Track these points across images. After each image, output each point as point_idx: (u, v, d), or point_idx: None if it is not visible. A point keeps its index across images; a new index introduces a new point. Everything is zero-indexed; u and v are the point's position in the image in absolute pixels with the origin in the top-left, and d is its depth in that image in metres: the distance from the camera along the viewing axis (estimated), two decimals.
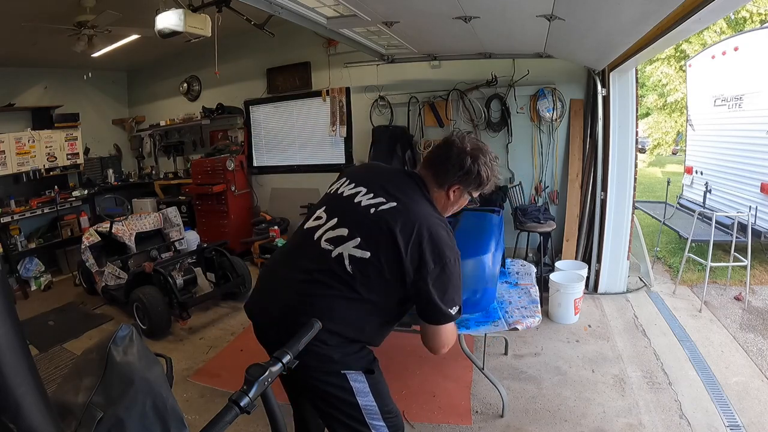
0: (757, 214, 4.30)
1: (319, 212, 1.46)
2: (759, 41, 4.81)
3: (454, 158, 1.44)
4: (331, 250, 1.34)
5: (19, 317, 0.59)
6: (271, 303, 1.41)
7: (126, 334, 0.95)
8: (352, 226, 1.35)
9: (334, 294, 1.33)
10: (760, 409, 2.41)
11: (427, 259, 1.29)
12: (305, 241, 1.43)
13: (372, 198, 1.38)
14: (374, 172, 1.55)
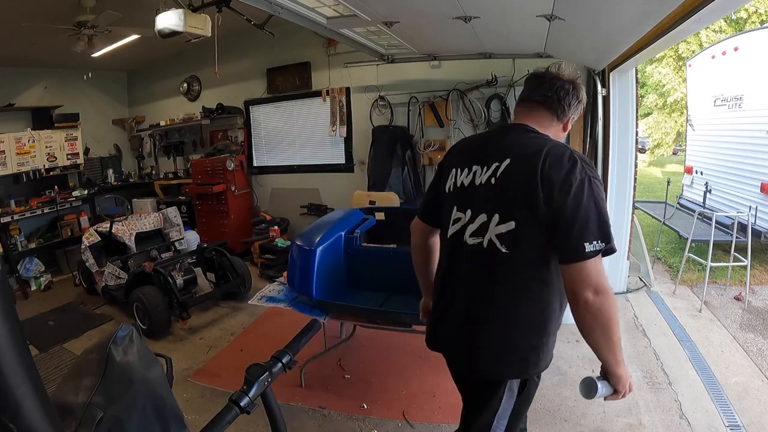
0: (757, 214, 4.30)
1: (455, 214, 1.36)
2: (759, 41, 4.81)
3: (571, 91, 1.34)
4: (482, 242, 1.27)
5: (19, 317, 0.59)
6: (455, 328, 1.39)
7: (126, 334, 0.95)
8: (486, 207, 1.27)
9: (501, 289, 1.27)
10: (760, 409, 2.41)
11: (573, 182, 1.16)
12: (455, 249, 1.36)
13: (487, 170, 1.29)
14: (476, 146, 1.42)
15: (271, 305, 2.60)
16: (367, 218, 3.06)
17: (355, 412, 2.56)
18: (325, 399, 2.68)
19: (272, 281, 3.31)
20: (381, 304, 2.56)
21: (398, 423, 2.46)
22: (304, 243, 2.54)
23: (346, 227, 2.80)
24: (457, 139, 4.79)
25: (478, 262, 1.28)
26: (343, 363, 3.07)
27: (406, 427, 2.43)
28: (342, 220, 2.88)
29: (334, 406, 2.61)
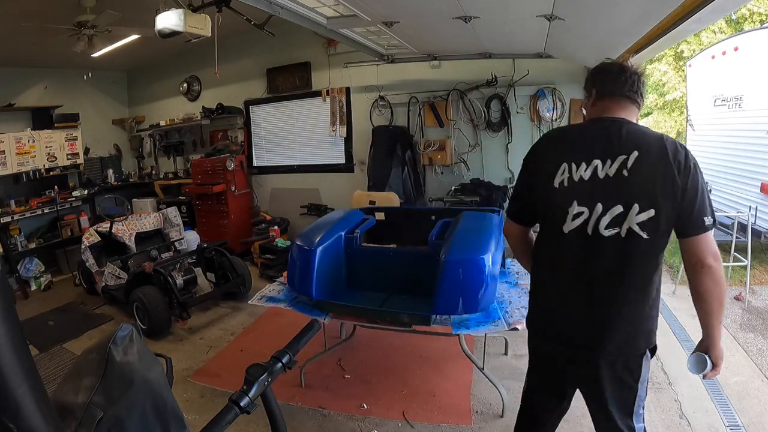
0: (757, 214, 4.30)
1: (575, 209, 1.36)
2: (759, 41, 4.81)
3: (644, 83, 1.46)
4: (619, 232, 1.33)
5: (19, 317, 0.59)
6: (576, 323, 1.42)
7: (126, 334, 0.95)
8: (620, 198, 1.32)
9: (636, 273, 1.36)
10: (760, 409, 2.41)
11: (690, 165, 1.32)
12: (577, 242, 1.37)
13: (612, 163, 1.34)
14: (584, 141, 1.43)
15: (271, 305, 2.60)
16: (367, 218, 3.06)
17: (355, 412, 2.56)
18: (325, 399, 2.68)
19: (272, 281, 3.31)
20: (381, 304, 2.56)
21: (398, 423, 2.46)
22: (304, 243, 2.53)
23: (346, 227, 2.80)
24: (457, 139, 4.80)
25: (614, 250, 1.34)
26: (343, 363, 3.07)
27: (406, 427, 2.43)
28: (342, 220, 2.88)
29: (334, 406, 2.61)
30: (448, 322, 2.22)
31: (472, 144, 4.77)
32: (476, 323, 2.19)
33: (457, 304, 2.14)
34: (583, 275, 1.39)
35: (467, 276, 2.15)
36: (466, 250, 2.23)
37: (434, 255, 2.36)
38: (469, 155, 4.80)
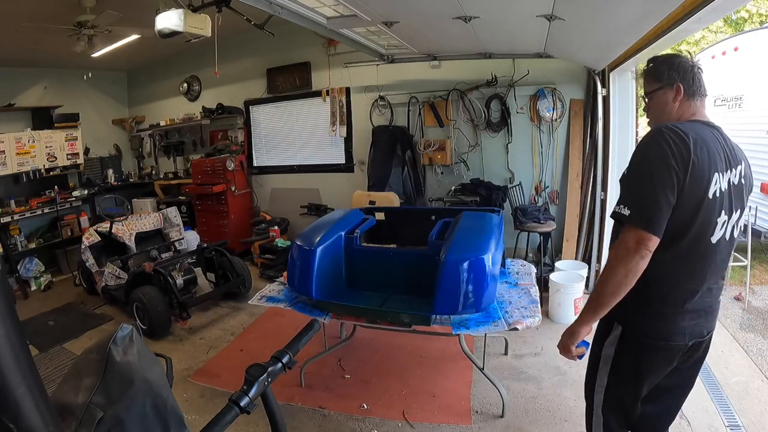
0: (757, 214, 4.30)
1: (721, 218, 1.35)
2: (759, 41, 4.81)
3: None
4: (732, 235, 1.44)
5: (19, 317, 0.59)
6: (705, 323, 1.53)
7: (126, 334, 0.95)
8: (739, 204, 1.44)
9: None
10: (760, 409, 2.41)
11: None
12: (716, 249, 1.39)
13: (735, 172, 1.44)
14: (717, 148, 1.38)
15: (271, 305, 2.60)
16: (367, 218, 3.06)
17: (355, 412, 2.56)
18: (325, 399, 2.68)
19: (272, 281, 3.31)
20: (381, 304, 2.55)
21: (398, 423, 2.46)
22: (304, 243, 2.53)
23: (346, 227, 2.80)
24: (457, 139, 4.80)
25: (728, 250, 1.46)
26: (343, 363, 3.07)
27: (406, 427, 2.43)
28: (342, 220, 2.88)
29: (334, 406, 2.61)
30: (448, 322, 2.22)
31: (472, 144, 4.77)
32: (476, 323, 2.19)
33: (457, 304, 2.14)
34: (718, 279, 1.48)
35: (467, 276, 2.14)
36: (466, 250, 2.23)
37: (434, 255, 2.37)
38: (469, 155, 4.80)
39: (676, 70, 1.44)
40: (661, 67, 1.48)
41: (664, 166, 1.28)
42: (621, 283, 1.31)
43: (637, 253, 1.28)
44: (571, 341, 1.46)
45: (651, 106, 1.53)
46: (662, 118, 1.49)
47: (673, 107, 1.46)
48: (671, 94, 1.45)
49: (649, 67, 1.54)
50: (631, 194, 1.33)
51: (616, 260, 1.32)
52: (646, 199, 1.29)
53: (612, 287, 1.32)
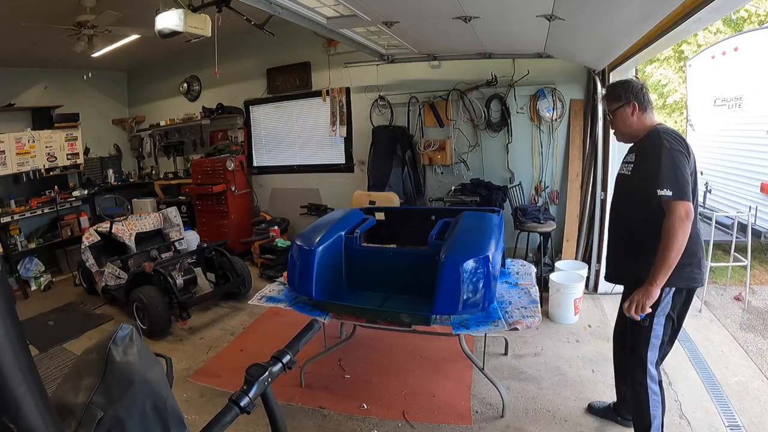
0: (757, 214, 4.30)
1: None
2: (759, 41, 4.81)
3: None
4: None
5: (19, 317, 0.59)
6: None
7: (126, 334, 0.95)
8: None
9: None
10: (760, 409, 2.41)
11: None
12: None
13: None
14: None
15: (271, 305, 2.60)
16: (367, 218, 3.06)
17: (355, 412, 2.56)
18: (325, 399, 2.68)
19: (272, 281, 3.31)
20: (381, 304, 2.55)
21: (398, 423, 2.46)
22: (304, 243, 2.53)
23: (346, 227, 2.80)
24: (457, 139, 4.80)
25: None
26: (343, 363, 3.07)
27: (406, 427, 2.43)
28: (342, 220, 2.88)
29: (334, 406, 2.61)
30: (448, 322, 2.22)
31: (472, 144, 4.77)
32: (476, 323, 2.19)
33: (457, 304, 2.14)
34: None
35: (467, 276, 2.14)
36: (466, 250, 2.23)
37: (434, 255, 2.37)
38: (469, 155, 4.80)
39: (631, 91, 1.95)
40: (619, 91, 1.98)
41: (679, 153, 1.77)
42: (682, 243, 1.71)
43: (687, 219, 1.71)
44: (649, 301, 1.77)
45: (616, 120, 2.02)
46: (626, 129, 2.00)
47: (632, 119, 1.95)
48: (629, 110, 1.95)
49: (609, 91, 2.05)
50: (666, 178, 1.72)
51: (674, 228, 1.71)
52: (678, 179, 1.72)
53: (677, 249, 1.71)
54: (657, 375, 1.96)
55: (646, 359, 1.92)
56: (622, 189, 2.05)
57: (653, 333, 1.89)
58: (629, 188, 1.95)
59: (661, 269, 1.73)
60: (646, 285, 1.78)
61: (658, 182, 1.73)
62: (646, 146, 1.88)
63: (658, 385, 1.96)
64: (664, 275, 1.74)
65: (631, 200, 1.94)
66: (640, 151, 1.93)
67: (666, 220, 1.73)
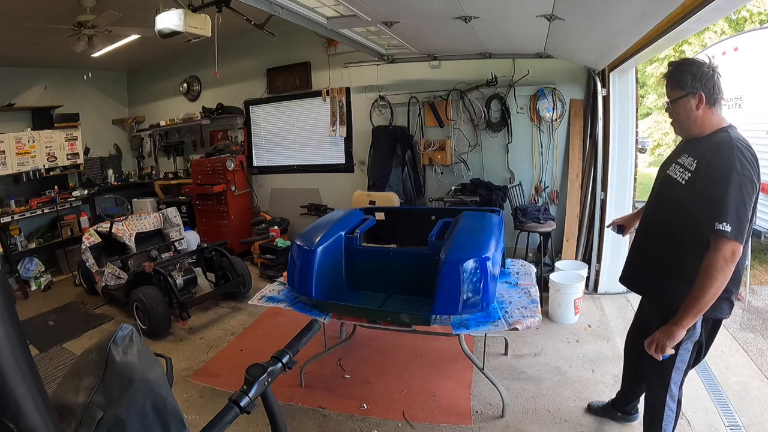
0: (757, 214, 4.30)
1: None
2: (759, 41, 4.81)
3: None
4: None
5: (19, 317, 0.59)
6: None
7: (126, 334, 0.95)
8: None
9: None
10: (760, 409, 2.41)
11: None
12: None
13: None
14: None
15: (271, 305, 2.60)
16: (367, 218, 3.06)
17: (355, 412, 2.56)
18: (325, 399, 2.68)
19: (272, 281, 3.31)
20: (381, 304, 2.56)
21: (398, 423, 2.46)
22: (304, 243, 2.53)
23: (346, 227, 2.80)
24: (457, 139, 4.80)
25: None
26: (343, 363, 3.07)
27: (406, 427, 2.43)
28: (342, 220, 2.88)
29: (334, 406, 2.61)
30: (448, 322, 2.22)
31: (472, 144, 4.77)
32: (476, 323, 2.19)
33: (457, 304, 2.14)
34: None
35: (467, 276, 2.14)
36: (466, 250, 2.23)
37: (434, 255, 2.37)
38: (469, 155, 4.80)
39: (699, 79, 1.58)
40: (684, 76, 1.60)
41: (749, 183, 1.49)
42: (720, 287, 1.51)
43: (733, 262, 1.50)
44: (671, 343, 1.60)
45: (675, 114, 1.68)
46: (688, 125, 1.66)
47: (697, 115, 1.61)
48: (694, 102, 1.59)
49: (672, 74, 1.66)
50: (729, 212, 1.48)
51: (715, 270, 1.50)
52: (740, 215, 1.48)
53: (713, 293, 1.51)
54: (678, 394, 1.83)
55: (669, 381, 1.79)
56: (667, 195, 1.78)
57: (679, 358, 1.74)
58: (679, 200, 1.68)
59: (690, 311, 1.55)
60: (670, 325, 1.60)
61: (718, 215, 1.48)
62: (714, 160, 1.55)
63: (676, 404, 1.84)
64: (693, 318, 1.57)
65: (677, 214, 1.69)
66: (703, 162, 1.59)
67: (710, 255, 1.51)
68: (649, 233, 1.89)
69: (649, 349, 1.66)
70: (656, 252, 1.82)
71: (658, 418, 1.85)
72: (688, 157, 1.67)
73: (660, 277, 1.79)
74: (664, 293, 1.74)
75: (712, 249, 1.51)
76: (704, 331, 1.74)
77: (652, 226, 1.88)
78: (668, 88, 1.68)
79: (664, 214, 1.78)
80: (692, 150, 1.67)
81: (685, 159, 1.68)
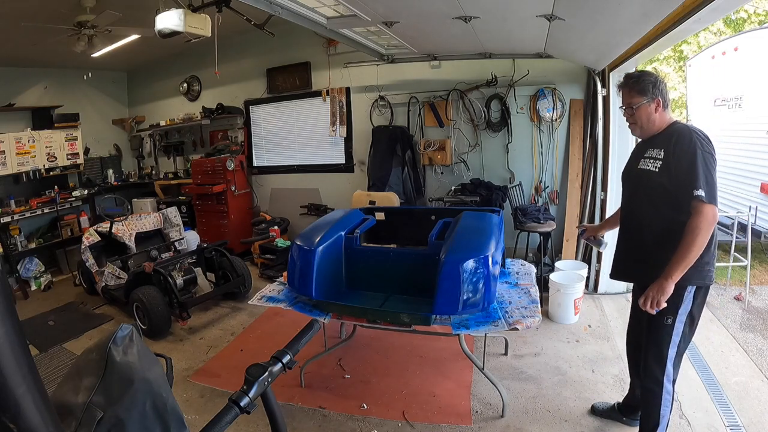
0: (757, 214, 4.30)
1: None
2: (759, 41, 4.81)
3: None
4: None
5: (19, 317, 0.59)
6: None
7: (126, 334, 0.95)
8: None
9: None
10: (760, 409, 2.41)
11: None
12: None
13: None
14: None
15: (271, 305, 2.60)
16: (367, 218, 3.06)
17: (355, 412, 2.56)
18: (325, 399, 2.68)
19: (272, 281, 3.31)
20: (381, 304, 2.56)
21: (398, 423, 2.46)
22: (304, 243, 2.53)
23: (346, 227, 2.80)
24: (457, 139, 4.80)
25: None
26: (343, 363, 3.07)
27: (406, 427, 2.43)
28: (342, 220, 2.88)
29: (334, 406, 2.61)
30: (448, 322, 2.22)
31: (472, 144, 4.77)
32: (476, 323, 2.19)
33: (457, 304, 2.14)
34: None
35: (467, 276, 2.14)
36: (466, 250, 2.23)
37: (434, 255, 2.37)
38: (469, 155, 4.80)
39: (657, 86, 1.89)
40: (646, 85, 1.90)
41: (710, 156, 1.76)
42: (703, 245, 1.74)
43: (713, 224, 1.74)
44: (664, 296, 1.79)
45: (638, 117, 1.95)
46: (648, 125, 1.95)
47: (655, 117, 1.92)
48: (654, 106, 1.90)
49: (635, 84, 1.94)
50: (702, 180, 1.73)
51: (699, 229, 1.72)
52: (710, 182, 1.73)
53: (697, 250, 1.73)
54: (673, 373, 1.97)
55: (666, 356, 1.93)
56: (643, 188, 1.97)
57: (675, 330, 1.90)
58: (656, 186, 1.89)
59: (678, 266, 1.75)
60: (660, 280, 1.78)
61: (694, 182, 1.72)
62: (679, 143, 1.81)
63: (672, 384, 1.98)
64: (681, 272, 1.76)
65: (657, 197, 1.89)
66: (670, 148, 1.85)
67: (693, 219, 1.73)
68: (630, 227, 2.09)
69: (644, 305, 1.83)
70: (638, 242, 2.01)
71: (656, 403, 1.97)
72: (654, 149, 1.93)
73: (645, 263, 1.95)
74: (650, 276, 1.86)
75: (695, 213, 1.73)
76: (698, 300, 1.92)
77: (632, 220, 2.08)
78: (630, 96, 1.96)
79: (641, 200, 1.99)
80: (655, 144, 1.94)
81: (652, 152, 1.94)
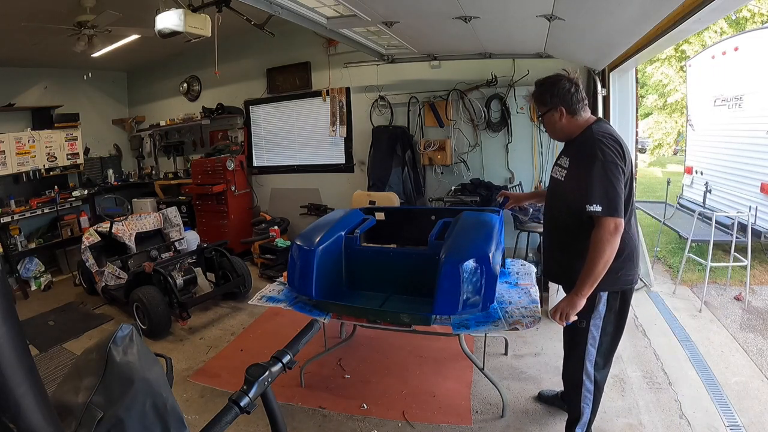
0: (757, 214, 4.30)
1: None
2: (759, 41, 4.81)
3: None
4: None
5: (19, 317, 0.59)
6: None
7: (126, 334, 0.95)
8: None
9: None
10: (760, 409, 2.41)
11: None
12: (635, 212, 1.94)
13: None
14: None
15: (271, 305, 2.60)
16: (367, 218, 3.06)
17: (355, 412, 2.56)
18: (325, 399, 2.68)
19: (272, 281, 3.31)
20: (381, 305, 2.56)
21: (398, 423, 2.46)
22: (304, 243, 2.53)
23: (346, 227, 2.80)
24: (457, 139, 4.80)
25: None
26: (343, 363, 3.07)
27: (406, 427, 2.43)
28: (342, 220, 2.88)
29: (334, 406, 2.61)
30: (448, 322, 2.22)
31: (472, 144, 4.77)
32: (476, 323, 2.19)
33: (457, 304, 2.14)
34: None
35: (467, 276, 2.14)
36: (466, 250, 2.23)
37: (434, 255, 2.36)
38: (469, 155, 4.80)
39: (557, 95, 1.87)
40: (544, 95, 1.93)
41: (612, 165, 1.72)
42: (609, 257, 1.72)
43: (616, 233, 1.71)
44: (573, 310, 1.79)
45: (545, 124, 1.99)
46: (556, 133, 1.97)
47: (562, 124, 1.91)
48: (557, 115, 1.90)
49: (534, 93, 2.00)
50: (597, 194, 1.71)
51: (601, 242, 1.71)
52: (609, 194, 1.70)
53: (603, 263, 1.72)
54: (594, 374, 1.99)
55: (584, 358, 1.96)
56: (554, 193, 2.02)
57: (590, 335, 1.93)
58: (561, 195, 1.92)
59: (586, 281, 1.74)
60: (571, 295, 1.79)
61: (587, 198, 1.71)
62: (580, 154, 1.83)
63: (593, 384, 2.00)
64: (590, 287, 1.75)
65: (564, 206, 1.91)
66: (573, 159, 1.87)
67: (594, 233, 1.73)
68: (549, 226, 2.13)
69: (554, 317, 1.84)
70: (557, 244, 2.06)
71: (576, 398, 2.03)
72: (564, 157, 1.95)
73: (565, 261, 1.99)
74: (570, 276, 1.88)
75: (596, 227, 1.73)
76: (614, 304, 1.92)
77: (549, 220, 2.12)
78: (536, 105, 2.01)
79: (555, 208, 2.03)
80: (567, 151, 1.97)
81: (562, 160, 1.96)
